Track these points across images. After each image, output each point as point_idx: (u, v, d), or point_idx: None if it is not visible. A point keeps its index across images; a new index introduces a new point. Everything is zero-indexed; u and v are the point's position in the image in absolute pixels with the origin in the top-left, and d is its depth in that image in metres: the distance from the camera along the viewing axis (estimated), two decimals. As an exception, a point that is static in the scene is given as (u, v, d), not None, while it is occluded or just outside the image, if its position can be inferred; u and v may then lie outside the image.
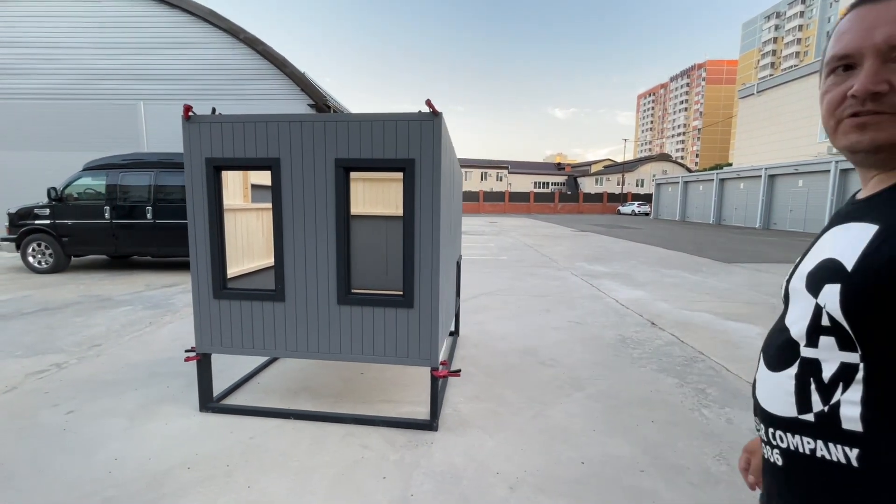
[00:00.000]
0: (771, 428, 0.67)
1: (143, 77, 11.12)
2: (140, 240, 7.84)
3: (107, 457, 2.33)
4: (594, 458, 2.39)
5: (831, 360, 0.60)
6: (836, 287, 0.58)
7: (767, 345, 0.73)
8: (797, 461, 0.63)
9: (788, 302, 0.72)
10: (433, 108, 2.42)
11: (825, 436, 0.60)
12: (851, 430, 0.57)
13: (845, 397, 0.58)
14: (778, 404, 0.66)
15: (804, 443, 0.62)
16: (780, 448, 0.66)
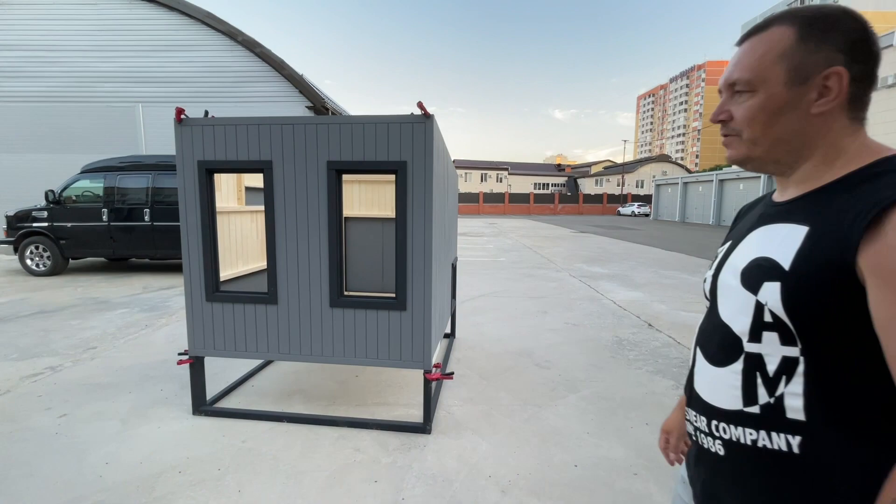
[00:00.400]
0: (714, 420, 0.72)
1: (141, 80, 11.13)
2: (138, 242, 7.84)
3: (98, 460, 2.32)
4: (587, 460, 2.38)
5: (774, 354, 0.65)
6: (776, 285, 0.63)
7: (706, 341, 0.78)
8: (739, 451, 0.68)
9: (716, 296, 0.77)
10: (425, 110, 2.42)
11: (769, 426, 0.65)
12: (795, 420, 0.63)
13: (789, 389, 0.63)
14: (722, 398, 0.70)
15: (746, 434, 0.67)
16: (722, 439, 0.71)
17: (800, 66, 0.66)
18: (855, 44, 0.65)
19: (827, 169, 0.68)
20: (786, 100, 0.68)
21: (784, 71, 0.67)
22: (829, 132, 0.67)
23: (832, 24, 0.66)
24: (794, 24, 0.67)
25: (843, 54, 0.65)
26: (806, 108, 0.67)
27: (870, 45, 0.65)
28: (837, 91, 0.65)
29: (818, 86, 0.66)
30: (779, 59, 0.68)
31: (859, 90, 0.66)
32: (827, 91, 0.66)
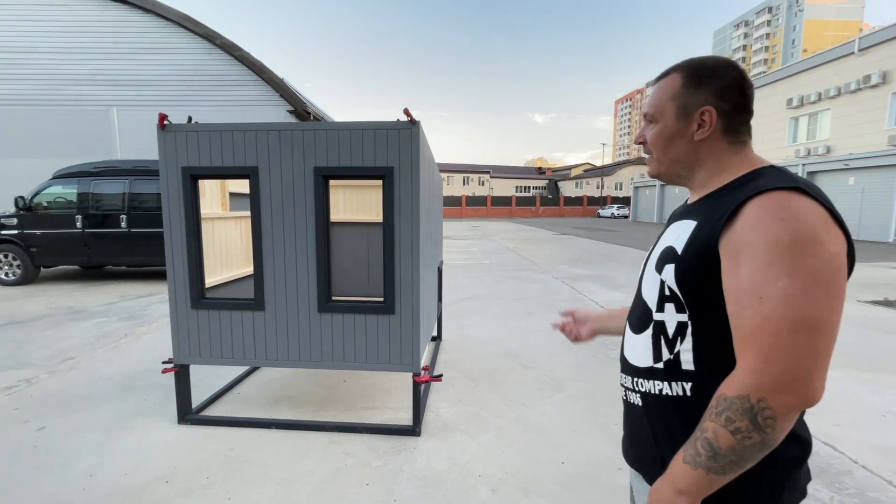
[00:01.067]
0: (635, 377, 0.90)
1: (116, 83, 10.86)
2: (114, 249, 7.64)
3: (80, 472, 2.27)
4: (573, 457, 2.44)
5: (672, 320, 0.82)
6: (671, 266, 0.81)
7: (630, 314, 0.96)
8: (651, 400, 0.86)
9: (641, 279, 0.95)
10: (411, 116, 2.46)
11: (670, 378, 0.83)
12: (687, 370, 0.80)
13: (682, 347, 0.81)
14: (640, 358, 0.89)
15: (655, 385, 0.85)
16: (640, 392, 0.89)
17: (684, 105, 0.87)
18: (724, 88, 0.84)
19: (715, 179, 0.86)
20: (675, 130, 0.88)
21: (674, 108, 0.88)
22: (712, 152, 0.86)
23: (708, 73, 0.85)
24: (683, 73, 0.88)
25: (713, 96, 0.84)
26: (690, 136, 0.87)
27: (738, 88, 0.84)
28: (710, 123, 0.84)
29: (697, 119, 0.85)
30: (671, 99, 0.88)
31: (731, 122, 0.84)
32: (703, 123, 0.85)
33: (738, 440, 0.67)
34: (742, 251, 0.70)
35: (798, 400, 0.66)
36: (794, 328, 0.65)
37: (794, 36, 79.62)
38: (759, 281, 0.68)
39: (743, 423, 0.67)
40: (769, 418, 0.66)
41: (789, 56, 77.98)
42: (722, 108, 0.84)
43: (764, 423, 0.66)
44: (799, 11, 78.80)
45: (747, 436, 0.67)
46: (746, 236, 0.70)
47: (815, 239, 0.67)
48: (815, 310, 0.65)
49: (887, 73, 19.38)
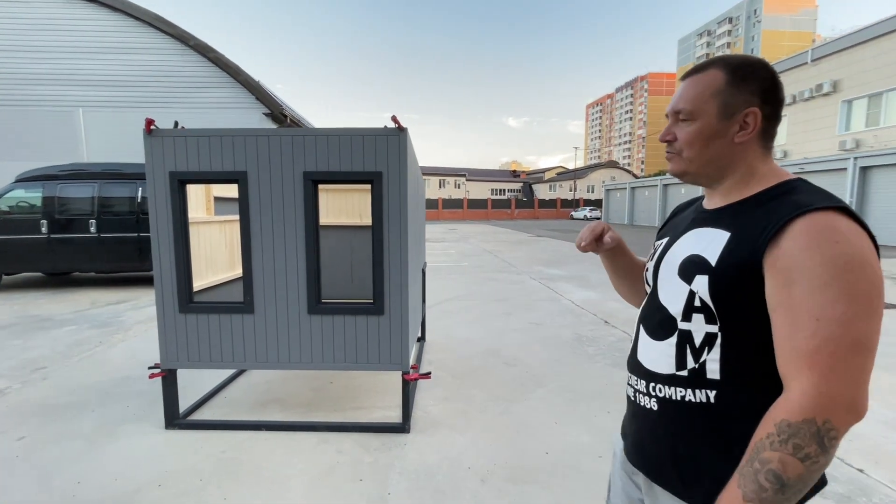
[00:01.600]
0: (652, 383, 0.90)
1: (82, 83, 10.48)
2: (82, 255, 7.39)
3: (68, 480, 2.25)
4: (556, 447, 2.57)
5: (700, 331, 0.83)
6: (704, 278, 0.81)
7: (647, 319, 0.96)
8: (670, 405, 0.87)
9: (656, 283, 0.94)
10: (399, 123, 2.55)
11: (694, 385, 0.83)
12: (713, 379, 0.81)
13: (709, 357, 0.82)
14: (660, 365, 0.89)
15: (677, 392, 0.86)
16: (657, 397, 0.89)
17: (727, 104, 0.84)
18: (767, 90, 0.83)
19: (744, 186, 0.86)
20: (716, 129, 0.85)
21: (716, 106, 0.85)
22: (746, 157, 0.86)
23: (752, 72, 0.84)
24: (726, 69, 0.85)
25: (757, 97, 0.83)
26: (731, 137, 0.85)
27: (777, 92, 0.84)
28: (753, 126, 0.84)
29: (740, 121, 0.84)
30: (712, 97, 0.85)
31: (769, 126, 0.85)
32: (746, 125, 0.84)
33: (807, 466, 0.66)
34: (795, 272, 0.70)
35: (856, 417, 0.67)
36: (852, 349, 0.67)
37: (753, 45, 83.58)
38: (816, 303, 0.68)
39: (812, 448, 0.66)
40: (833, 438, 0.66)
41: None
42: (766, 111, 0.83)
43: (829, 444, 0.66)
44: (757, 22, 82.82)
45: (815, 460, 0.66)
46: (799, 257, 0.70)
47: (866, 262, 0.69)
48: (868, 331, 0.68)
49: (837, 83, 20.65)
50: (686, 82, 0.89)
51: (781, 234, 0.73)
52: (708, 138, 0.86)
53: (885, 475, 2.29)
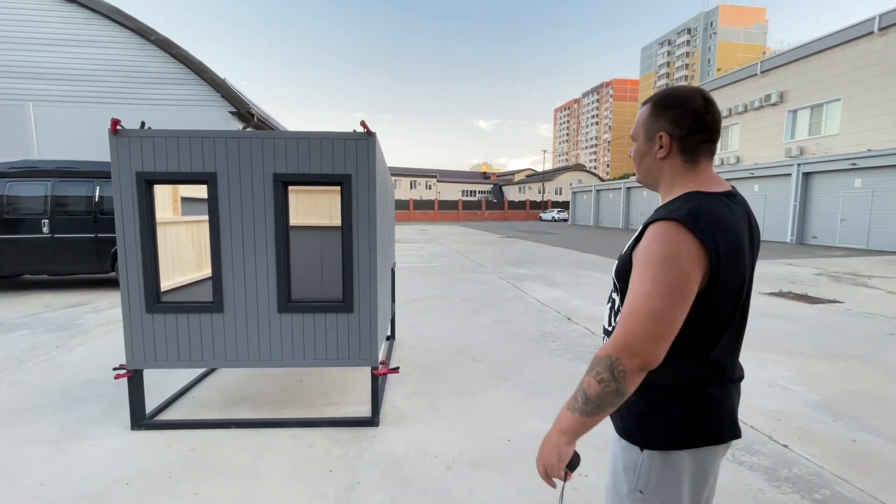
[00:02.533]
0: (605, 336, 1.19)
1: (32, 75, 9.97)
2: (34, 257, 7.06)
3: (32, 483, 2.23)
4: (518, 435, 2.73)
5: (617, 299, 1.13)
6: (616, 262, 1.13)
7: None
8: None
9: None
10: (367, 128, 2.66)
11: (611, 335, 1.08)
12: None
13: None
14: (607, 321, 1.20)
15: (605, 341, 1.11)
16: None
17: (649, 130, 1.10)
18: (678, 117, 1.05)
19: (669, 193, 1.09)
20: (645, 149, 1.12)
21: (643, 132, 1.12)
22: (669, 169, 1.09)
23: (666, 105, 1.07)
24: (651, 104, 1.10)
25: (669, 123, 1.06)
26: (654, 155, 1.10)
27: (686, 118, 1.05)
28: (665, 145, 1.07)
29: (657, 142, 1.08)
30: (642, 125, 1.12)
31: (685, 144, 1.05)
32: (663, 144, 1.07)
33: (602, 387, 0.93)
34: (636, 260, 0.99)
35: (639, 363, 0.92)
36: (647, 317, 0.92)
37: (710, 56, 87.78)
38: (637, 281, 0.96)
39: (605, 375, 0.93)
40: (622, 372, 0.92)
41: (706, 73, 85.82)
42: (676, 133, 1.05)
43: (618, 375, 0.92)
44: (713, 34, 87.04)
45: (608, 384, 0.93)
46: (641, 250, 0.98)
47: (674, 260, 0.92)
48: (662, 308, 0.91)
49: (784, 93, 22.07)
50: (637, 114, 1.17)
51: (644, 234, 1.00)
52: (641, 156, 1.14)
53: (806, 449, 2.57)
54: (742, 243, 1.00)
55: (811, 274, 9.52)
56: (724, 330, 1.03)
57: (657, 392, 1.05)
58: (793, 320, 5.57)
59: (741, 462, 2.43)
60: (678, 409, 1.04)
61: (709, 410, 1.05)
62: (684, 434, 1.04)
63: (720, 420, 1.06)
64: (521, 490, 2.19)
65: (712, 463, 1.08)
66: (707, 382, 1.04)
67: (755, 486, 2.22)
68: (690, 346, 1.01)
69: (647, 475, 1.05)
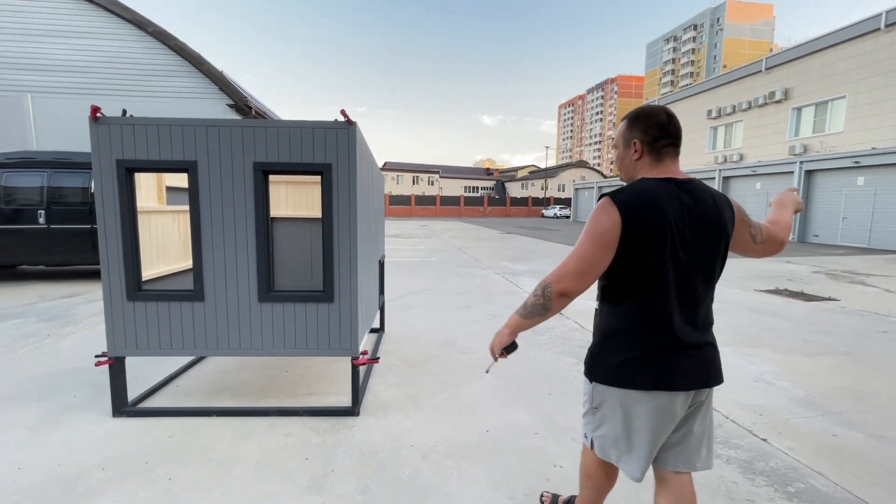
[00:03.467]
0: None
1: (31, 67, 9.99)
2: (30, 247, 7.10)
3: (8, 467, 2.25)
4: (497, 426, 2.73)
5: None
6: None
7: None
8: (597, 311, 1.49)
9: None
10: (347, 117, 2.64)
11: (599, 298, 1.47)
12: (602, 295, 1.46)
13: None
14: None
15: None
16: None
17: (626, 139, 1.44)
18: (647, 128, 1.38)
19: None
20: (624, 154, 1.46)
21: (623, 141, 1.46)
22: (641, 167, 1.42)
23: (638, 119, 1.41)
24: (627, 120, 1.45)
25: (640, 132, 1.39)
26: (631, 157, 1.43)
27: (655, 127, 1.37)
28: (639, 150, 1.40)
29: (632, 147, 1.42)
30: (621, 135, 1.46)
31: (652, 148, 1.38)
32: (636, 149, 1.41)
33: (535, 300, 1.38)
34: None
35: (560, 290, 1.33)
36: (574, 258, 1.33)
37: (716, 52, 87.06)
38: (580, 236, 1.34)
39: (539, 292, 1.37)
40: (549, 293, 1.35)
41: (712, 70, 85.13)
42: (646, 139, 1.38)
43: (546, 294, 1.35)
44: (720, 30, 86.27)
45: (538, 298, 1.37)
46: None
47: (597, 220, 1.30)
48: (584, 251, 1.31)
49: (789, 90, 21.87)
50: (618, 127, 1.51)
51: None
52: (621, 159, 1.48)
53: (785, 443, 2.56)
54: (667, 215, 1.26)
55: (809, 272, 9.47)
56: (653, 283, 1.29)
57: (603, 338, 1.42)
58: (785, 317, 5.54)
59: (718, 455, 2.42)
60: (614, 356, 1.37)
61: (637, 362, 1.32)
62: (614, 377, 1.36)
63: (647, 371, 1.31)
64: (494, 480, 2.20)
65: (643, 405, 1.33)
66: (640, 337, 1.33)
67: (729, 479, 2.21)
68: (626, 297, 1.35)
69: (593, 400, 1.45)
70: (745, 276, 8.69)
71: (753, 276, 8.81)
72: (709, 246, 1.31)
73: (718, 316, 5.65)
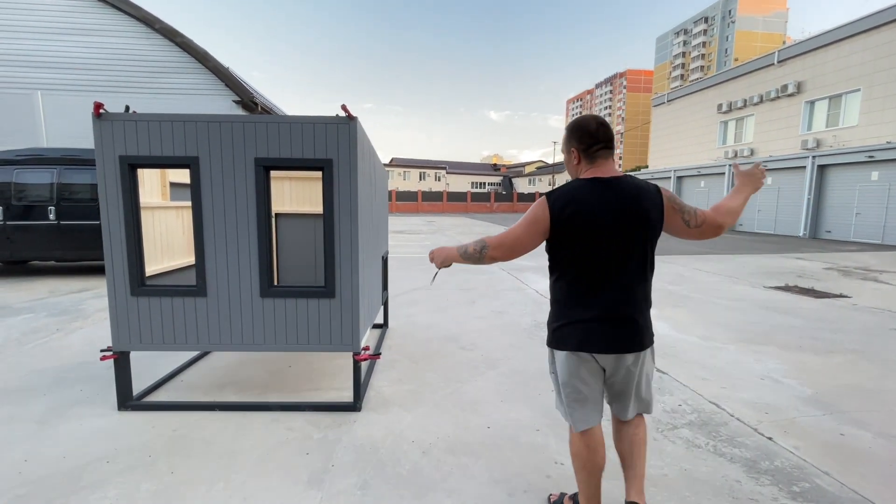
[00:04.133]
0: None
1: (41, 65, 10.10)
2: (41, 243, 7.21)
3: (15, 459, 2.29)
4: (498, 422, 2.72)
5: None
6: None
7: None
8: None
9: None
10: (349, 112, 2.63)
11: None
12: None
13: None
14: None
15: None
16: None
17: (566, 147, 1.71)
18: (580, 137, 1.64)
19: None
20: (567, 159, 1.73)
21: (566, 148, 1.72)
22: (581, 170, 1.68)
23: (573, 131, 1.67)
24: (566, 130, 1.70)
25: (576, 141, 1.66)
26: (572, 162, 1.71)
27: (587, 136, 1.62)
28: (577, 156, 1.68)
29: (572, 154, 1.69)
30: (564, 144, 1.73)
31: (586, 152, 1.64)
32: (574, 156, 1.68)
33: (473, 251, 1.74)
34: None
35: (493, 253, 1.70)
36: (510, 234, 1.68)
37: (727, 45, 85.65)
38: None
39: (479, 246, 1.73)
40: (484, 249, 1.71)
41: (723, 63, 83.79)
42: (580, 147, 1.65)
43: (483, 252, 1.72)
44: (731, 23, 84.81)
45: (477, 249, 1.73)
46: None
47: (533, 210, 1.63)
48: (518, 230, 1.65)
49: (801, 83, 21.47)
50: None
51: None
52: (567, 163, 1.76)
53: (790, 442, 2.52)
54: (590, 210, 1.54)
55: (821, 268, 9.32)
56: (579, 264, 1.59)
57: (550, 308, 1.74)
58: (795, 314, 5.46)
59: (721, 454, 2.39)
60: (554, 323, 1.69)
61: (570, 328, 1.62)
62: (555, 341, 1.68)
63: (576, 336, 1.61)
64: (494, 476, 2.19)
65: (575, 364, 1.63)
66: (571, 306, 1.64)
67: (732, 478, 2.18)
68: (561, 275, 1.66)
69: (550, 364, 1.77)
70: (754, 273, 8.58)
71: (763, 272, 8.69)
72: (631, 232, 1.56)
73: (726, 313, 5.58)
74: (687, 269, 9.09)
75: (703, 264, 9.73)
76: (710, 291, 6.85)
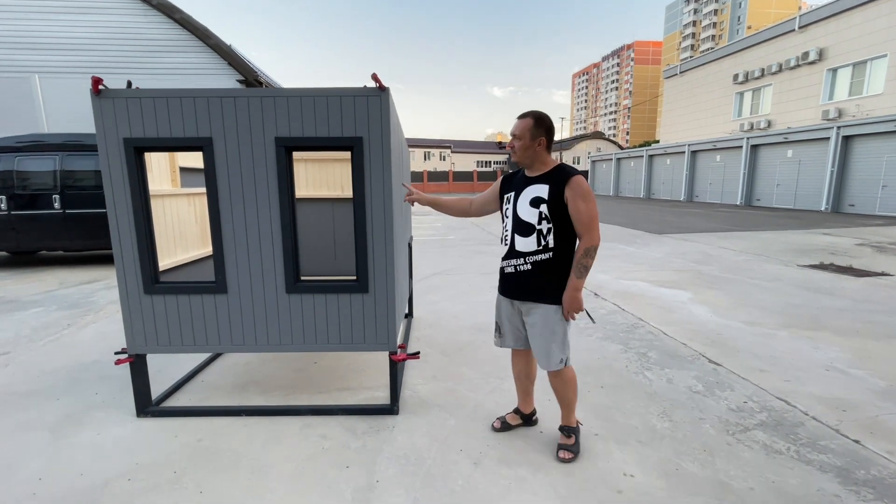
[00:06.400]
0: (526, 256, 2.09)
1: (37, 47, 9.70)
2: (47, 233, 6.99)
3: (29, 476, 2.08)
4: (551, 426, 2.48)
5: (544, 228, 2.05)
6: (545, 204, 2.02)
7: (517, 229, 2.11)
8: (537, 264, 2.07)
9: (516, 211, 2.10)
10: (380, 82, 2.31)
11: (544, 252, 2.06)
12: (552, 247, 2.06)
13: (549, 238, 2.06)
14: (529, 246, 2.08)
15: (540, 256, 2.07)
16: (531, 262, 2.08)
17: (534, 135, 2.05)
18: (547, 129, 2.06)
19: (542, 167, 2.09)
20: (528, 145, 2.06)
21: (530, 135, 2.05)
22: (541, 155, 2.08)
23: (541, 122, 2.06)
24: (533, 119, 2.06)
25: (543, 130, 2.06)
26: (534, 147, 2.06)
27: (552, 130, 2.06)
28: (542, 145, 2.06)
29: (539, 141, 2.05)
30: (528, 131, 2.05)
31: (549, 143, 2.06)
32: (540, 143, 2.06)
33: (590, 259, 2.00)
34: (576, 196, 1.99)
35: (598, 244, 2.01)
36: (592, 221, 2.00)
37: (740, 13, 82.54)
38: (585, 206, 1.98)
39: (592, 255, 2.01)
40: (595, 251, 2.01)
41: (735, 32, 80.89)
42: (548, 137, 2.06)
43: (594, 253, 2.02)
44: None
45: (591, 259, 2.01)
46: (577, 190, 1.99)
47: (591, 191, 1.98)
48: (596, 214, 2.01)
49: (824, 50, 20.54)
50: (518, 122, 2.08)
51: (568, 183, 1.99)
52: (526, 148, 2.06)
53: (881, 446, 2.26)
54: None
55: (852, 244, 8.94)
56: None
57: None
58: (839, 295, 5.15)
59: (809, 461, 2.14)
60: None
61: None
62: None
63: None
64: (559, 492, 1.95)
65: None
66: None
67: (830, 491, 1.93)
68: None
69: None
70: (782, 251, 8.23)
71: (791, 249, 8.34)
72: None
73: (765, 295, 5.28)
74: (712, 247, 8.75)
75: (727, 242, 9.37)
76: (741, 271, 6.53)
